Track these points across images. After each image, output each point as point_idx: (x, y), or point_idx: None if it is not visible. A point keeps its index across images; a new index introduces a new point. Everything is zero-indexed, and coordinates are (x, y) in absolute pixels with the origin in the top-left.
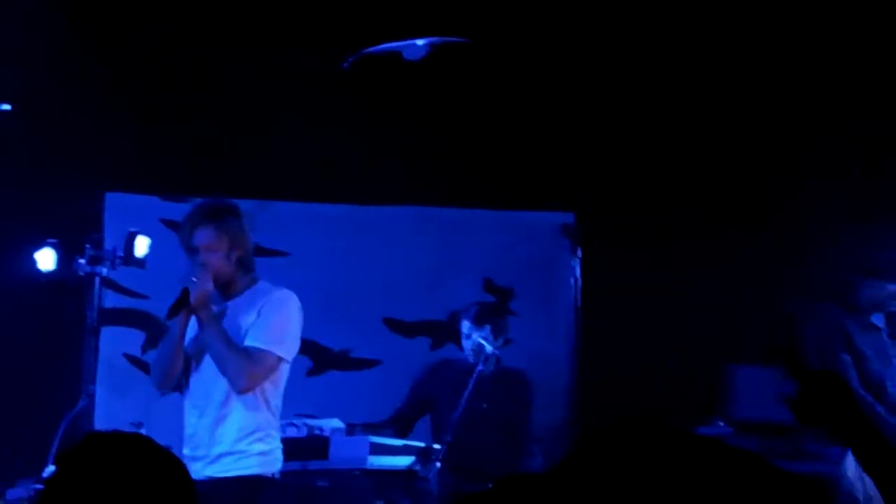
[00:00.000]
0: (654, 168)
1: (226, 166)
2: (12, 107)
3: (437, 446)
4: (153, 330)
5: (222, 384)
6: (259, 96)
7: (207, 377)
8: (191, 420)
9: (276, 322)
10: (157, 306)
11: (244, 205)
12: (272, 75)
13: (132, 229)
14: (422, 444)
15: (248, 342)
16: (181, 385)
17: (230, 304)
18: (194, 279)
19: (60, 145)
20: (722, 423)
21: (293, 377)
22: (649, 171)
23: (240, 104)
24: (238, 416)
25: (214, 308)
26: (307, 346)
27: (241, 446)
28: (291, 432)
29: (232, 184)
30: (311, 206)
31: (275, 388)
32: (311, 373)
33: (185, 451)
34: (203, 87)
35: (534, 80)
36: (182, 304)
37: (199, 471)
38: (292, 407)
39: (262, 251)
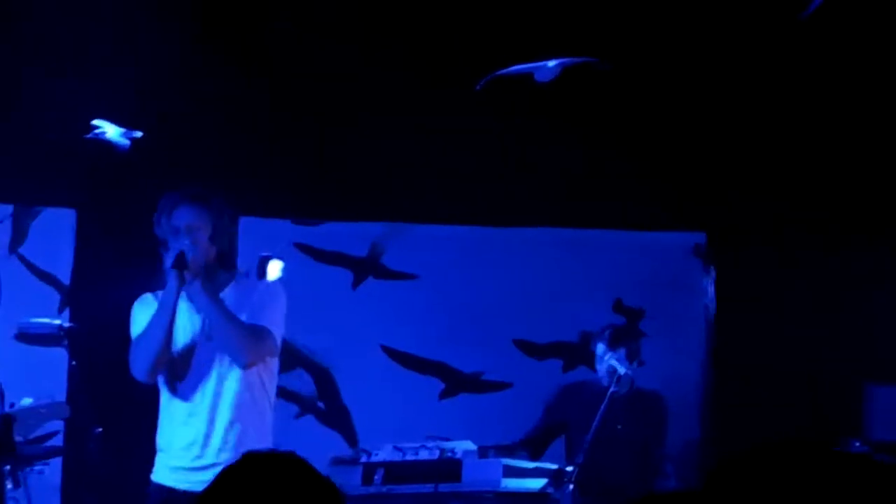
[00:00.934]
0: (786, 186)
1: (357, 189)
2: (147, 132)
3: (569, 468)
4: (287, 354)
5: (230, 385)
6: (391, 120)
7: (209, 378)
8: (190, 424)
9: (275, 307)
10: (291, 330)
11: (375, 228)
12: (404, 98)
13: (265, 253)
14: (554, 467)
15: (247, 321)
16: (172, 382)
17: None
18: (186, 244)
19: (194, 169)
20: (858, 444)
21: (425, 399)
22: (781, 189)
23: (373, 128)
24: (253, 418)
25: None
26: (438, 369)
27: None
28: (424, 454)
29: (363, 207)
30: (441, 229)
31: (273, 390)
32: (443, 395)
33: (183, 462)
34: (336, 111)
35: (663, 99)
36: (181, 264)
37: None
38: (424, 429)
39: (390, 274)
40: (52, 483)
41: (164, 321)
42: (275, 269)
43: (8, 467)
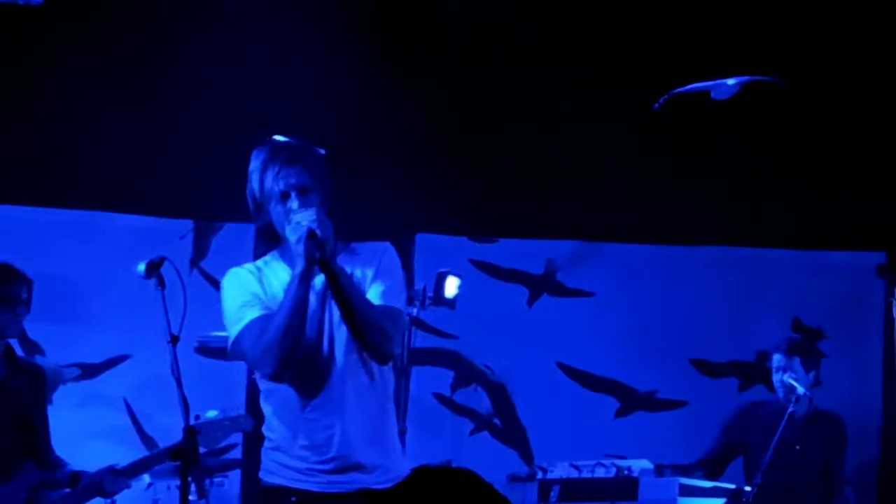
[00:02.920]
0: None
1: (533, 207)
2: (326, 148)
3: (747, 488)
4: (463, 370)
5: (361, 378)
6: (568, 138)
7: (338, 370)
8: (316, 422)
9: (401, 283)
10: (467, 346)
11: (551, 245)
12: (580, 117)
13: (442, 270)
14: (732, 486)
15: (376, 302)
16: (295, 375)
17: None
18: (313, 218)
19: (372, 187)
20: None
21: (601, 417)
22: None
23: (549, 146)
24: (383, 413)
25: None
26: (614, 387)
27: (387, 457)
28: (600, 472)
29: (540, 224)
30: (618, 247)
31: (394, 380)
32: (619, 414)
33: (306, 462)
34: (513, 129)
35: (844, 119)
36: (319, 247)
37: (356, 482)
38: (600, 447)
39: (566, 291)
40: (232, 494)
41: (297, 315)
42: (452, 286)
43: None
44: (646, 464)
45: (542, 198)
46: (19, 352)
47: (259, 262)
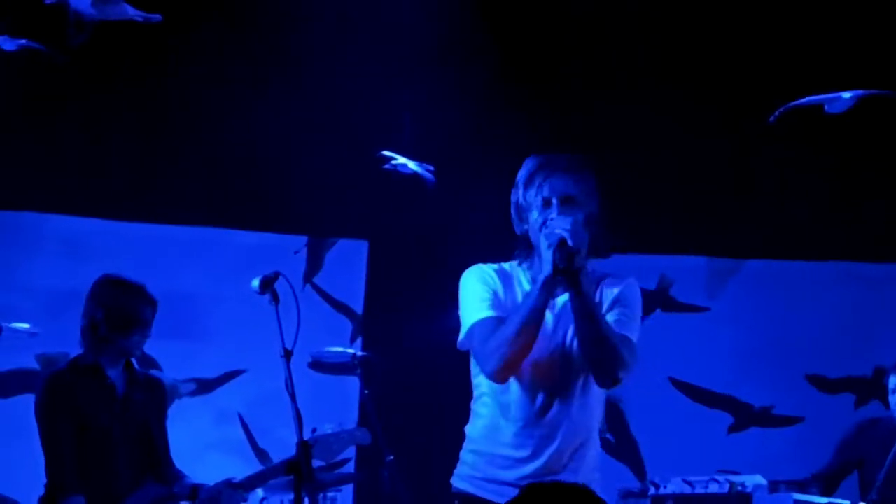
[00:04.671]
0: None
1: (646, 222)
2: (436, 165)
3: None
4: None
5: (583, 401)
6: (680, 154)
7: (563, 388)
8: (528, 437)
9: (638, 316)
10: None
11: (664, 260)
12: (690, 131)
13: None
14: (847, 503)
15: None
16: (515, 383)
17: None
18: (567, 227)
19: (481, 202)
20: None
21: (714, 432)
22: None
23: (659, 162)
24: (593, 438)
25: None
26: (728, 402)
27: (597, 475)
28: (713, 488)
29: (652, 239)
30: (732, 262)
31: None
32: (733, 429)
33: (507, 475)
34: (623, 145)
35: None
36: (568, 263)
37: None
38: (714, 463)
39: (679, 306)
40: None
41: (532, 321)
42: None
43: (305, 493)
44: (760, 479)
45: (655, 213)
46: (137, 367)
47: (505, 265)
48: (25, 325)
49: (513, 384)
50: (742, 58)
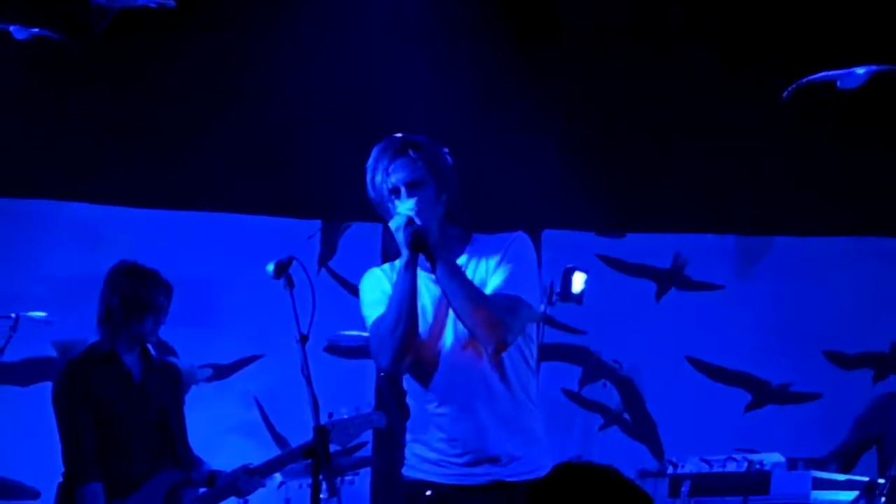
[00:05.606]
0: None
1: (660, 200)
2: (451, 146)
3: (881, 481)
4: (591, 365)
5: (485, 369)
6: (695, 131)
7: (459, 363)
8: (446, 416)
9: (527, 269)
10: (595, 342)
11: (678, 239)
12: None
13: (569, 266)
14: (866, 479)
15: (492, 291)
16: (420, 369)
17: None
18: (411, 207)
19: (499, 184)
20: None
21: (732, 410)
22: None
23: (673, 140)
24: (517, 402)
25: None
26: (745, 380)
27: (523, 450)
28: (731, 467)
29: (667, 218)
30: (746, 239)
31: (529, 369)
32: (751, 407)
33: (444, 455)
34: (637, 124)
35: None
36: (418, 240)
37: (490, 474)
38: (732, 441)
39: (694, 285)
40: (363, 492)
41: (404, 304)
42: (579, 282)
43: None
44: (778, 457)
45: (669, 191)
46: (154, 353)
47: (397, 262)
48: (42, 314)
49: (416, 368)
50: (763, 32)
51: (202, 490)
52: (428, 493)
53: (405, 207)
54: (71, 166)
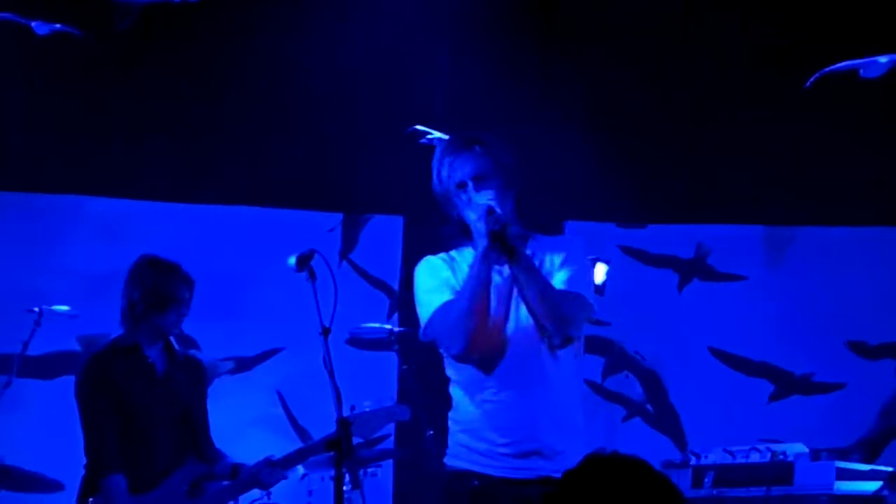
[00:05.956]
0: None
1: (680, 190)
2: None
3: None
4: (614, 356)
5: (548, 361)
6: (716, 121)
7: (524, 353)
8: (503, 405)
9: (586, 270)
10: (617, 333)
11: (700, 230)
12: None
13: (591, 256)
14: (890, 469)
15: (559, 287)
16: (488, 359)
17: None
18: (490, 197)
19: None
20: None
21: (755, 401)
22: None
23: (694, 129)
24: (570, 398)
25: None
26: (768, 370)
27: (566, 444)
28: (755, 457)
29: (688, 208)
30: (769, 229)
31: (577, 366)
32: (774, 397)
33: (493, 446)
34: (658, 113)
35: None
36: (501, 229)
37: (538, 468)
38: (755, 431)
39: (717, 275)
40: (385, 484)
41: (480, 292)
42: (600, 273)
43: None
44: (801, 448)
45: (691, 181)
46: (177, 347)
47: (453, 252)
48: (66, 308)
49: (480, 361)
50: (786, 21)
51: (225, 483)
52: (475, 483)
53: (484, 198)
54: (94, 161)
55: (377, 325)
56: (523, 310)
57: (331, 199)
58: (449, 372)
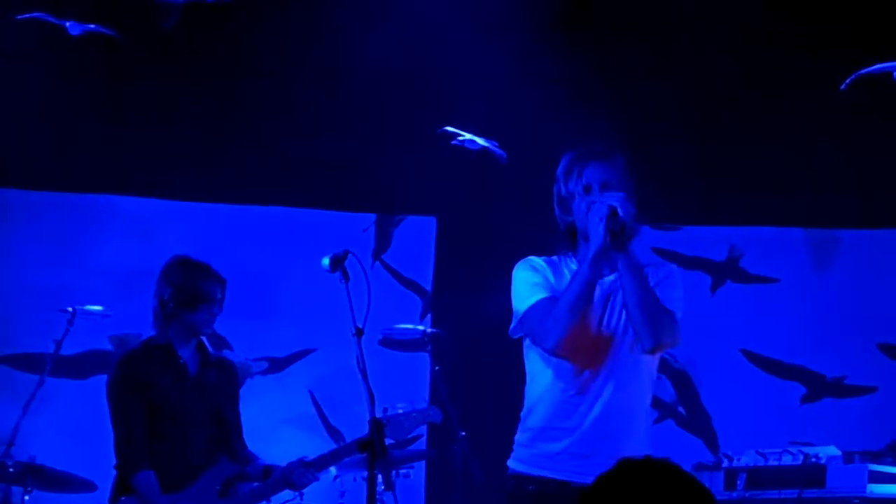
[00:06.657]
0: None
1: (715, 192)
2: (501, 139)
3: None
4: None
5: (632, 368)
6: (749, 124)
7: (611, 357)
8: (582, 406)
9: (682, 296)
10: None
11: (734, 231)
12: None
13: None
14: None
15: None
16: (580, 358)
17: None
18: (617, 201)
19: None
20: None
21: (787, 403)
22: None
23: (727, 132)
24: (643, 407)
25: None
26: (800, 373)
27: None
28: (787, 460)
29: (721, 210)
30: (802, 231)
31: (656, 378)
32: (806, 399)
33: (558, 448)
34: (691, 117)
35: None
36: (622, 229)
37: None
38: (787, 434)
39: (750, 277)
40: (417, 486)
41: (586, 290)
42: None
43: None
44: (833, 450)
45: (724, 184)
46: (210, 348)
47: (554, 257)
48: (98, 307)
49: (561, 360)
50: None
51: (256, 484)
52: (531, 488)
53: (610, 198)
54: (127, 161)
55: (410, 325)
56: (619, 318)
57: (364, 199)
58: (531, 368)
